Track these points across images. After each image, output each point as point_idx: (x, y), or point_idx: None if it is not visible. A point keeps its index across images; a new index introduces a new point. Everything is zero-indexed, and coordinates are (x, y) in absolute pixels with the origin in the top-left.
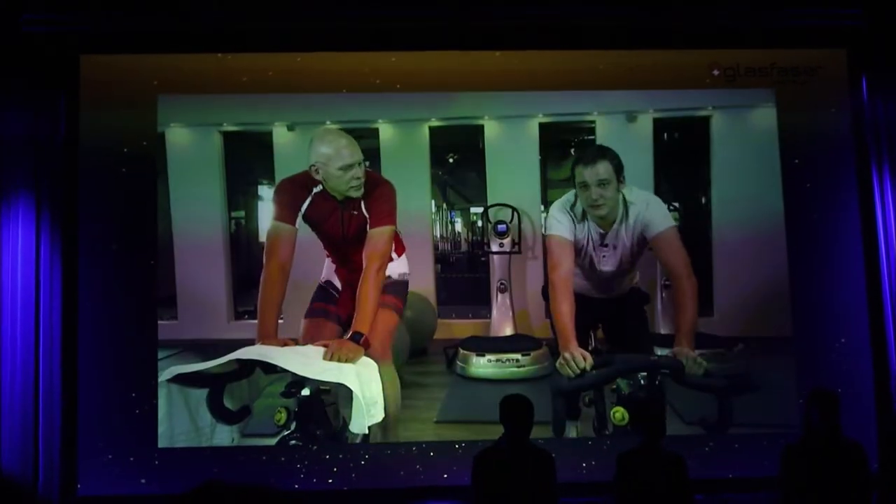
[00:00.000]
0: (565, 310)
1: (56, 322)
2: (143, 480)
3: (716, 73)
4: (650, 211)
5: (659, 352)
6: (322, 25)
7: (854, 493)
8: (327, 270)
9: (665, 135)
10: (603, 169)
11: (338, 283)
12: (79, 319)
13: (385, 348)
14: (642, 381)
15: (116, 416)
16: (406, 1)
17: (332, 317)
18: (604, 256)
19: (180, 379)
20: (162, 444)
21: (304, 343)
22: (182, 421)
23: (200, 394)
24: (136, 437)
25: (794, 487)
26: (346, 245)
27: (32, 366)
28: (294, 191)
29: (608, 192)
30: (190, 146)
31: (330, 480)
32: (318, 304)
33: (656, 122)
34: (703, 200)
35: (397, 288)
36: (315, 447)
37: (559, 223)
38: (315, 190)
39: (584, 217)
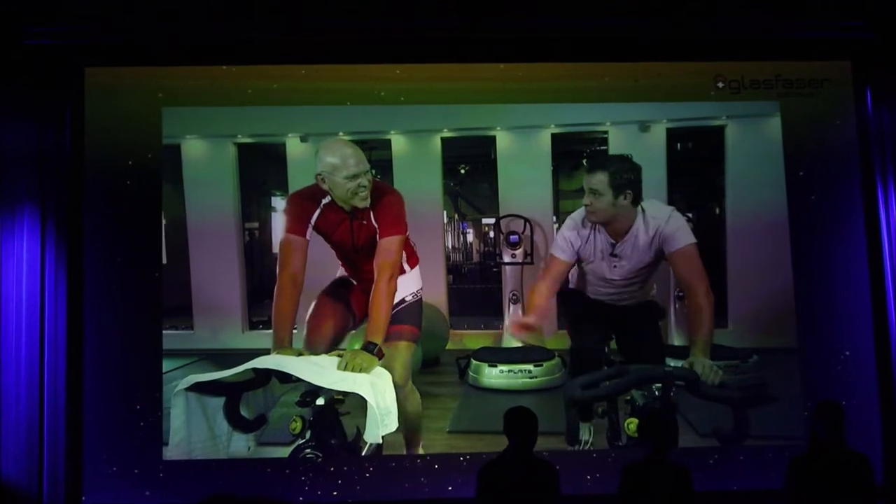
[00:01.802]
0: (542, 290)
1: (61, 334)
2: (147, 492)
3: (720, 85)
4: (670, 226)
5: (672, 363)
6: (327, 37)
7: None
8: (340, 273)
9: (678, 145)
10: (596, 179)
11: (351, 282)
12: (84, 331)
13: (406, 380)
14: (657, 393)
15: (121, 428)
16: (409, 14)
17: (344, 299)
18: (614, 266)
19: (198, 387)
20: (179, 453)
21: (312, 315)
22: (200, 429)
23: (217, 402)
24: (141, 449)
25: (799, 500)
26: (356, 255)
27: (37, 377)
28: (303, 203)
29: (599, 202)
30: (205, 158)
31: (335, 493)
32: (334, 289)
33: (669, 132)
34: (717, 210)
35: (412, 312)
36: (320, 459)
37: (559, 247)
38: (324, 201)
39: (594, 227)
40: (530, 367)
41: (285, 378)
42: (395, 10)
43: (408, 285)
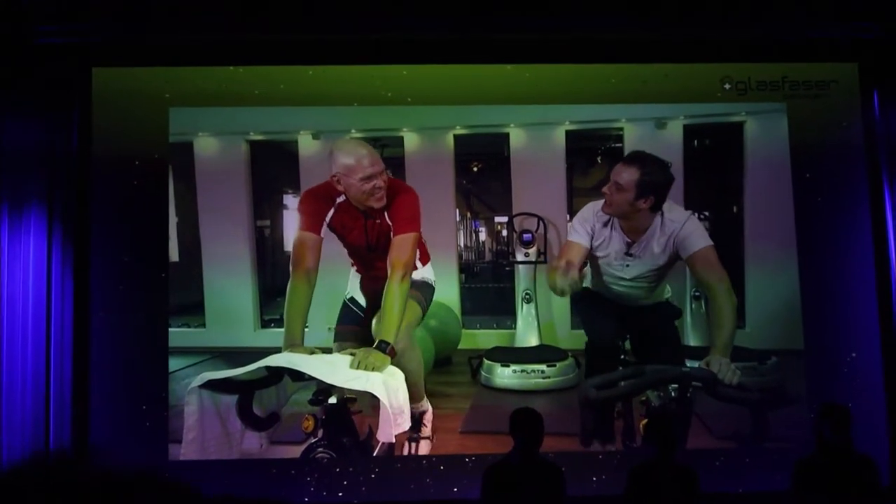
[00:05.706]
0: (562, 264)
1: (67, 334)
2: None
3: (727, 86)
4: (685, 230)
5: (689, 364)
6: (334, 38)
7: None
8: (351, 284)
9: (696, 141)
10: (626, 173)
11: (361, 300)
12: (90, 331)
13: (407, 340)
14: (673, 394)
15: (127, 428)
16: (416, 15)
17: (360, 337)
18: (626, 265)
19: (211, 385)
20: (192, 451)
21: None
22: (213, 427)
23: (230, 400)
24: (147, 449)
25: (806, 502)
26: (370, 253)
27: (43, 377)
28: (318, 201)
29: (618, 196)
30: (217, 155)
31: (340, 493)
32: (345, 327)
33: (687, 128)
34: (735, 208)
35: (421, 287)
36: (326, 459)
37: (574, 231)
38: (338, 200)
39: (610, 224)
40: (543, 367)
41: (298, 376)
42: (401, 11)
43: (418, 274)
